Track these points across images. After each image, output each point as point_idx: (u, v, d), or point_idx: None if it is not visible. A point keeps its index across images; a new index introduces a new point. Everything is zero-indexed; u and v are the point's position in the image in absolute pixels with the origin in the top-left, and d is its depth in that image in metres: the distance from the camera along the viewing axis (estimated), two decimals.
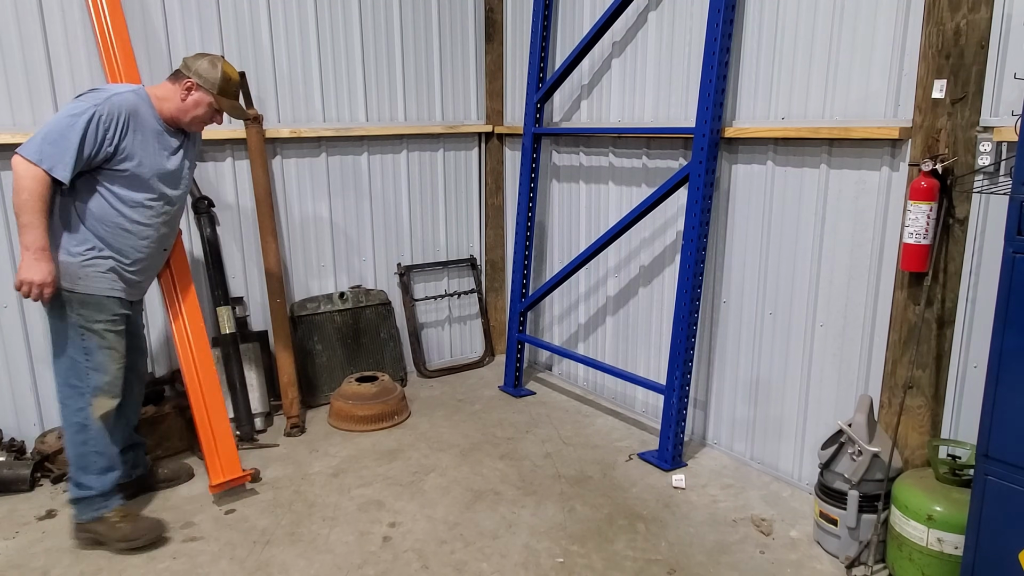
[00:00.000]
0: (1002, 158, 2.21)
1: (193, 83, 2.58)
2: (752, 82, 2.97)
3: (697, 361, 3.37)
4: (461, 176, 4.44)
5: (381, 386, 3.70)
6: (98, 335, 2.53)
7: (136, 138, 2.47)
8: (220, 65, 2.62)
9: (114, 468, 2.63)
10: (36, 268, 2.33)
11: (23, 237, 2.32)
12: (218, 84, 2.61)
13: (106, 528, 2.59)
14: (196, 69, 2.59)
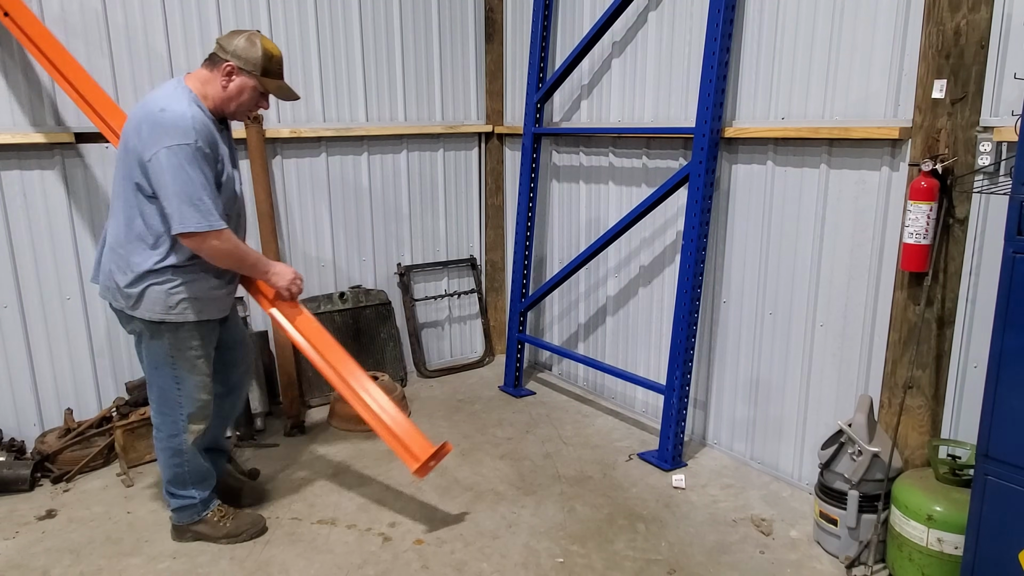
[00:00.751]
0: (1002, 158, 2.21)
1: (233, 66, 2.31)
2: (752, 82, 2.97)
3: (697, 361, 3.37)
4: (461, 176, 4.44)
5: (381, 386, 3.67)
6: (189, 362, 2.44)
7: (219, 147, 2.34)
8: (259, 41, 2.33)
9: (210, 476, 2.64)
10: (280, 275, 2.53)
11: (254, 274, 2.49)
12: (260, 64, 2.33)
13: (209, 528, 2.62)
14: (234, 50, 2.31)
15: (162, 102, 2.23)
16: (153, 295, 2.32)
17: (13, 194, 3.13)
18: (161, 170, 2.18)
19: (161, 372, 2.44)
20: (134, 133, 2.23)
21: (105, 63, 3.23)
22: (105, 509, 2.87)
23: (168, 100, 2.24)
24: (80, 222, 3.29)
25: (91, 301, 3.36)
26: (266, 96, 2.44)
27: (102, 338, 3.42)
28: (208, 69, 2.36)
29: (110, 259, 2.37)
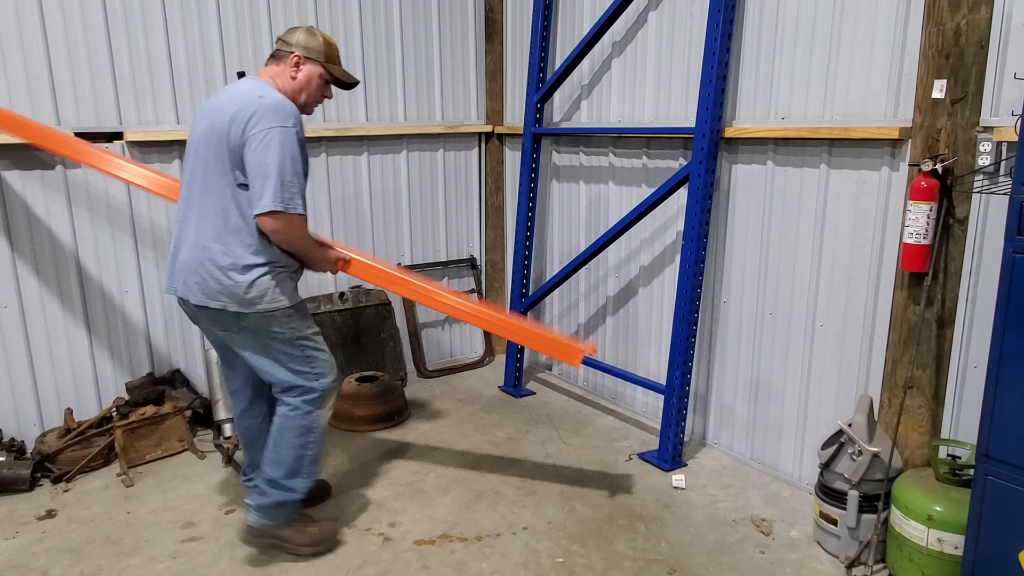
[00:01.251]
0: (1002, 158, 2.21)
1: (299, 56, 2.39)
2: (752, 82, 2.97)
3: (697, 361, 3.37)
4: (461, 176, 4.44)
5: (381, 386, 3.70)
6: (311, 340, 2.47)
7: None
8: (318, 33, 2.44)
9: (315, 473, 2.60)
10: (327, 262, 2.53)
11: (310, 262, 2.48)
12: (323, 51, 2.42)
13: (295, 533, 2.54)
14: (297, 41, 2.40)
15: (256, 91, 2.28)
16: (263, 285, 2.32)
17: (13, 194, 3.12)
18: (263, 148, 2.20)
19: (292, 358, 2.44)
20: (229, 123, 2.23)
21: (105, 64, 3.23)
22: (105, 509, 2.87)
23: (261, 89, 2.30)
24: (80, 222, 3.29)
25: (91, 301, 3.36)
26: (330, 84, 2.50)
27: (102, 338, 3.42)
28: (275, 64, 2.43)
29: (204, 260, 2.31)
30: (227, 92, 2.36)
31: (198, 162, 2.34)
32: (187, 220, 2.37)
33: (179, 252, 2.38)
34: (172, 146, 3.43)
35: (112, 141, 3.30)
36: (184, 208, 2.39)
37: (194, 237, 2.33)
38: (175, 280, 2.41)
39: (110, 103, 3.27)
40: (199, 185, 2.33)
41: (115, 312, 3.43)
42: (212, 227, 2.30)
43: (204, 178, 2.31)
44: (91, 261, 3.33)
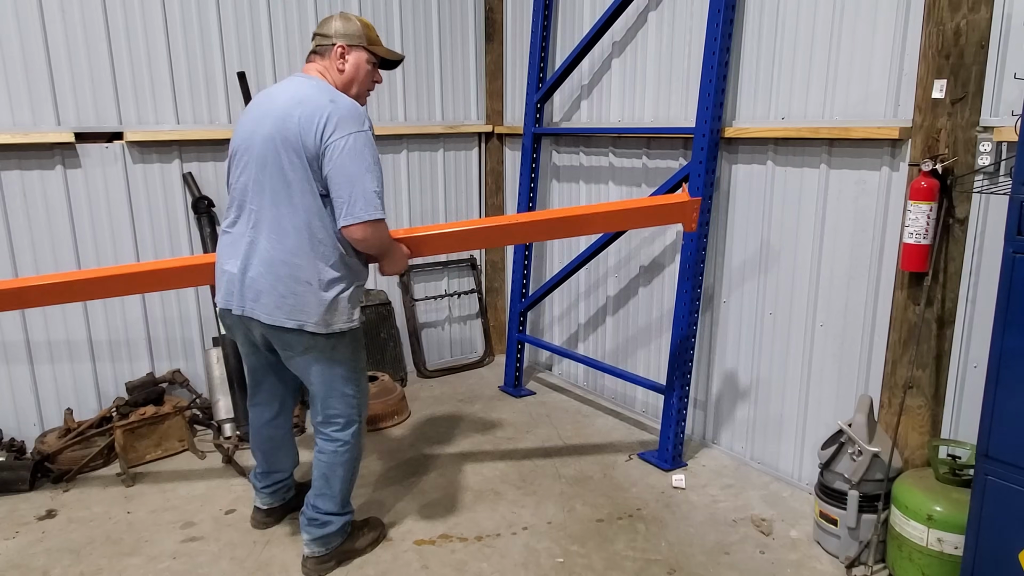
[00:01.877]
0: (1002, 158, 2.21)
1: (343, 45, 2.27)
2: (752, 82, 2.97)
3: (697, 361, 3.37)
4: (461, 176, 4.44)
5: (381, 386, 3.70)
6: (362, 366, 2.41)
7: None
8: (352, 17, 2.33)
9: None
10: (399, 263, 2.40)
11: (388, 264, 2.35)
12: (364, 34, 2.31)
13: (356, 541, 2.55)
14: (336, 31, 2.28)
15: (323, 93, 2.16)
16: (343, 303, 2.22)
17: (13, 194, 3.12)
18: (347, 157, 2.09)
19: (346, 382, 2.35)
20: (300, 130, 2.10)
21: (105, 64, 3.23)
22: (105, 509, 2.87)
23: (327, 91, 2.19)
24: (80, 222, 3.29)
25: (91, 301, 3.36)
26: (377, 67, 2.40)
27: (102, 338, 3.42)
28: (319, 60, 2.31)
29: (285, 277, 2.17)
30: (285, 92, 2.20)
31: (265, 170, 2.16)
32: (257, 232, 2.20)
33: (248, 268, 2.20)
34: (172, 146, 3.43)
35: (112, 141, 3.30)
36: (247, 219, 2.22)
37: (269, 252, 2.17)
38: (241, 298, 2.23)
39: (110, 103, 3.27)
40: (270, 196, 2.16)
41: (115, 312, 3.43)
42: (294, 241, 2.16)
43: (279, 188, 2.15)
44: (91, 261, 3.33)
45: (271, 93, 2.25)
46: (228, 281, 2.26)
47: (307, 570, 2.45)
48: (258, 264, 2.19)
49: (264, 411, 2.60)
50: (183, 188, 3.50)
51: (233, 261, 2.24)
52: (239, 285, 2.23)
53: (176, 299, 3.57)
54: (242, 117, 2.29)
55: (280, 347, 2.29)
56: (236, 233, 2.26)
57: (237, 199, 2.26)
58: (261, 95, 2.29)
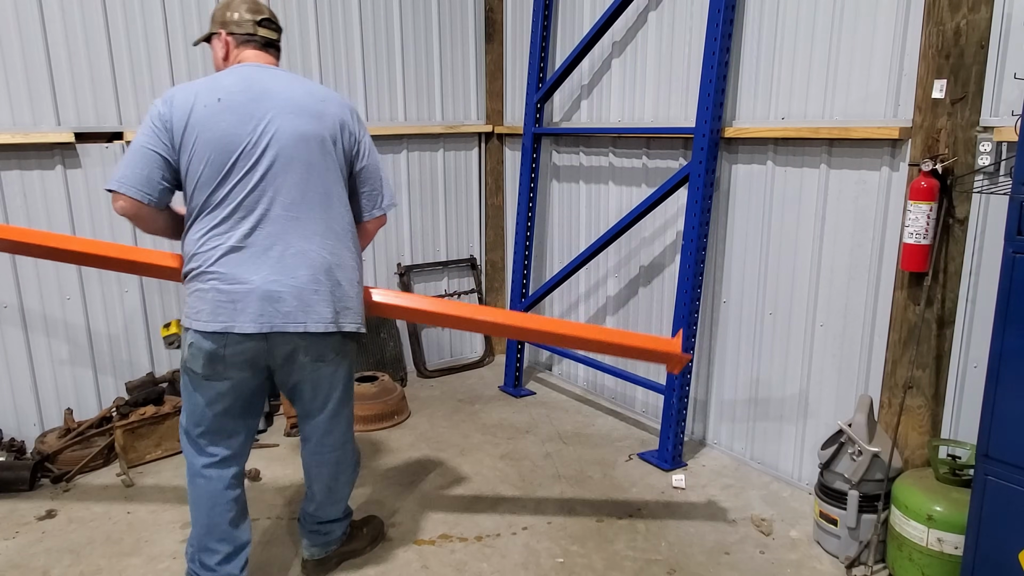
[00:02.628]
0: (1002, 158, 2.21)
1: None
2: (752, 82, 2.97)
3: (697, 361, 3.37)
4: (461, 176, 4.44)
5: (381, 386, 3.70)
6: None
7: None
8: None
9: None
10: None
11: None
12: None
13: (357, 542, 2.52)
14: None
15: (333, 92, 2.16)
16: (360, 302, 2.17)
17: (13, 194, 3.12)
18: (374, 151, 2.19)
19: (349, 383, 2.28)
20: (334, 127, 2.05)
21: (105, 64, 3.23)
22: (105, 509, 2.87)
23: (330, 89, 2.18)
24: (80, 222, 3.28)
25: (91, 301, 3.36)
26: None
27: (102, 338, 3.42)
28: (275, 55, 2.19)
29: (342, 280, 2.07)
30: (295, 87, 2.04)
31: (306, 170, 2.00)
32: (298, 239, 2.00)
33: (295, 279, 1.99)
34: None
35: (112, 141, 3.30)
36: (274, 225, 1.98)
37: (323, 258, 2.03)
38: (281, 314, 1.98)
39: (110, 103, 3.27)
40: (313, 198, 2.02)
41: (115, 312, 3.43)
42: (342, 242, 2.08)
43: (322, 190, 2.03)
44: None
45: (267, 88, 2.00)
46: (259, 299, 1.96)
47: (307, 572, 2.42)
48: (312, 272, 2.01)
49: (231, 464, 2.18)
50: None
51: (263, 275, 1.97)
52: (279, 301, 1.98)
53: (176, 299, 3.57)
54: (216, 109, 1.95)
55: (314, 358, 2.10)
56: (261, 244, 1.97)
57: (252, 204, 1.97)
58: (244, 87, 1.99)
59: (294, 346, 2.05)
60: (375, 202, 2.20)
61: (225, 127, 1.95)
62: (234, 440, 2.17)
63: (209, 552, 2.16)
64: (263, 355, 2.05)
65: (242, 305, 1.96)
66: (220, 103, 1.96)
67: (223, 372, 2.04)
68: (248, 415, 2.19)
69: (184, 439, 2.17)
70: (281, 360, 2.08)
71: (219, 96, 1.96)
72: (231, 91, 1.98)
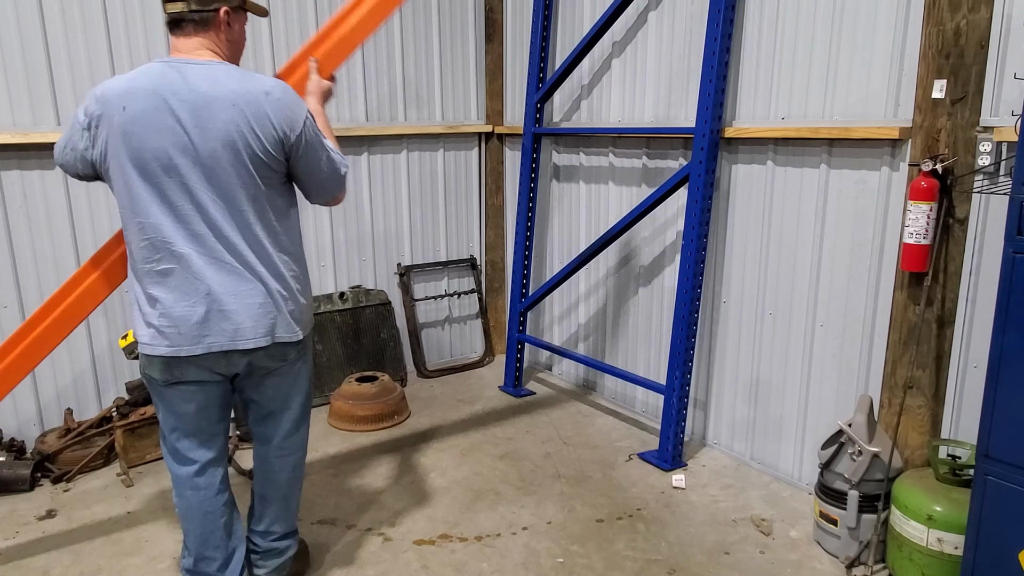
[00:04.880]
0: (1002, 158, 2.21)
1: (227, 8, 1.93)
2: (752, 82, 2.97)
3: (697, 361, 3.37)
4: (461, 176, 4.44)
5: (381, 386, 3.70)
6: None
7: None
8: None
9: None
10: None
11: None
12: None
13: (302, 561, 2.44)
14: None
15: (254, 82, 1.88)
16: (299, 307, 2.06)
17: (13, 194, 3.13)
18: (312, 134, 1.95)
19: (308, 386, 2.22)
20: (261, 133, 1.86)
21: (105, 64, 3.23)
22: (105, 509, 2.87)
23: (252, 77, 1.91)
24: (80, 222, 3.28)
25: None
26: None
27: (102, 338, 3.42)
28: (200, 35, 1.91)
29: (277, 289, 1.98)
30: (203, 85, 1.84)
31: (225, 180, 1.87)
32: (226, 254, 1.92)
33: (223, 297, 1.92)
34: None
35: None
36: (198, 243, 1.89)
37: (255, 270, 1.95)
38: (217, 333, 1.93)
39: None
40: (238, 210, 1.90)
41: (115, 312, 3.43)
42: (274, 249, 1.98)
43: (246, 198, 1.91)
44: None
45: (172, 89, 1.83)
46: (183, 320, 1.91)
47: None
48: (243, 289, 1.93)
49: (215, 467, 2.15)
50: None
51: (192, 299, 1.91)
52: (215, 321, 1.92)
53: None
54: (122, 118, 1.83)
55: (263, 374, 2.07)
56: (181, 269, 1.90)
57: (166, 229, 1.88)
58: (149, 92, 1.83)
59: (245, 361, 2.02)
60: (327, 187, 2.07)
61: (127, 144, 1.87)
62: (213, 443, 2.13)
63: (207, 560, 2.14)
64: (210, 371, 2.01)
65: (169, 331, 1.92)
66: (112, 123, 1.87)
67: (181, 376, 1.99)
68: (221, 418, 2.14)
69: (164, 450, 2.13)
70: (236, 373, 2.05)
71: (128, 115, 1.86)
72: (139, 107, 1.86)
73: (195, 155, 1.84)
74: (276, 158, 1.92)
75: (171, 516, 2.81)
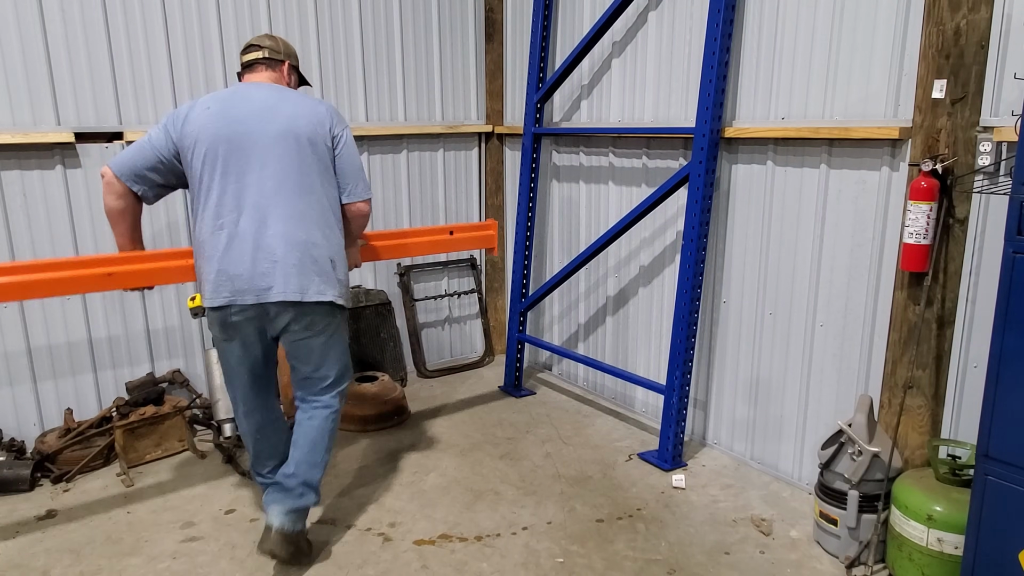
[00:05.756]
0: (1002, 158, 2.21)
1: (292, 64, 2.61)
2: (752, 82, 2.97)
3: (697, 361, 3.37)
4: (461, 176, 4.44)
5: (381, 386, 3.70)
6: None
7: None
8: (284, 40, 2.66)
9: None
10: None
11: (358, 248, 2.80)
12: (296, 56, 2.65)
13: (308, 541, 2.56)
14: (285, 49, 2.57)
15: (307, 98, 2.49)
16: (347, 279, 2.54)
17: (13, 194, 3.13)
18: (350, 147, 2.51)
19: (343, 347, 2.61)
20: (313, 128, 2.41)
21: (105, 64, 3.23)
22: (105, 509, 2.87)
23: (307, 96, 2.52)
24: (80, 222, 3.28)
25: (91, 301, 3.36)
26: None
27: (102, 338, 3.42)
28: (268, 71, 2.54)
29: (318, 257, 2.39)
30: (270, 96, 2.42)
31: (281, 163, 2.36)
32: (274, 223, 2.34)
33: (271, 257, 2.33)
34: None
35: (112, 141, 3.30)
36: (253, 213, 2.33)
37: (295, 237, 2.35)
38: (264, 288, 2.33)
39: (110, 103, 3.27)
40: (285, 185, 2.36)
41: (115, 312, 3.43)
42: (316, 224, 2.40)
43: (298, 180, 2.38)
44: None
45: (248, 96, 2.41)
46: (241, 277, 2.33)
47: (270, 545, 2.38)
48: (293, 250, 2.35)
49: (266, 407, 2.63)
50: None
51: (243, 253, 2.33)
52: (261, 277, 2.34)
53: (176, 299, 3.57)
54: (207, 116, 2.36)
55: (304, 327, 2.44)
56: (241, 228, 2.34)
57: (233, 194, 2.34)
58: (231, 97, 2.41)
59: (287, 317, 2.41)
60: (354, 192, 2.53)
61: (207, 131, 2.36)
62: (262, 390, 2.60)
63: (260, 464, 2.68)
64: (259, 325, 2.42)
65: (222, 282, 2.34)
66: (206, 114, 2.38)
67: (231, 333, 2.44)
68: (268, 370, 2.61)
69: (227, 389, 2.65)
70: (274, 331, 2.45)
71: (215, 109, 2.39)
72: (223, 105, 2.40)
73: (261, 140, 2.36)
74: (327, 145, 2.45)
75: (171, 516, 2.81)
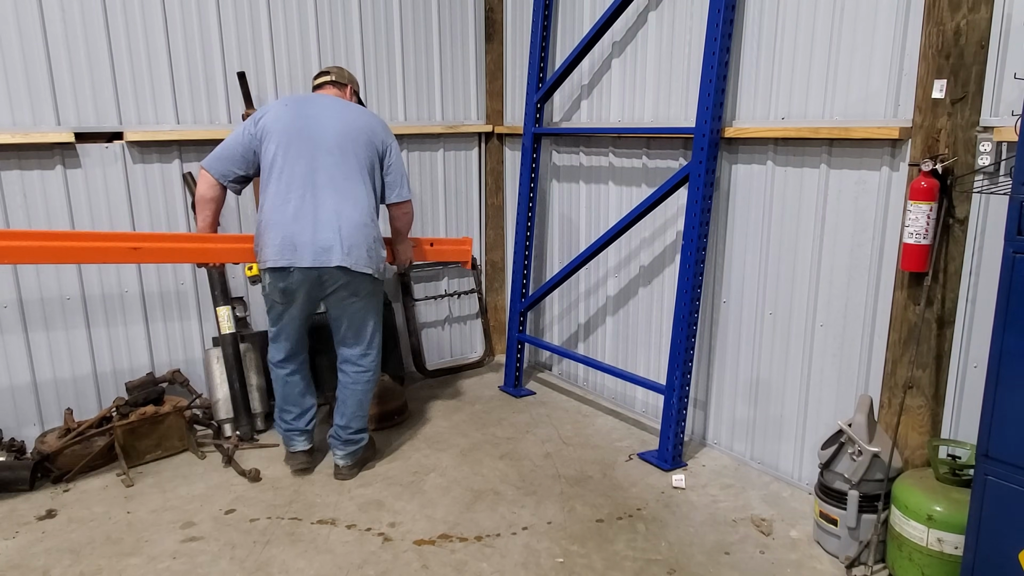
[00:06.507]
0: (1002, 158, 2.21)
1: (354, 91, 3.17)
2: (752, 82, 2.97)
3: (697, 361, 3.37)
4: (461, 176, 4.44)
5: (381, 386, 3.70)
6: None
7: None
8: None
9: None
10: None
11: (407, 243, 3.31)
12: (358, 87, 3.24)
13: (370, 450, 3.25)
14: (349, 79, 3.14)
15: (366, 110, 3.07)
16: (382, 255, 3.00)
17: (13, 194, 3.13)
18: (398, 154, 3.04)
19: (378, 319, 3.08)
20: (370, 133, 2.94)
21: (105, 64, 3.23)
22: (105, 509, 2.87)
23: (367, 110, 3.09)
24: (80, 222, 3.28)
25: (91, 301, 3.36)
26: None
27: (102, 338, 3.42)
28: (336, 90, 3.10)
29: (368, 235, 2.87)
30: (338, 103, 2.97)
31: (343, 155, 2.85)
32: (333, 201, 2.82)
33: (333, 228, 2.80)
34: (172, 146, 3.43)
35: (112, 141, 3.30)
36: (314, 191, 2.82)
37: (354, 217, 2.84)
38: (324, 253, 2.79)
39: (110, 103, 3.27)
40: (342, 173, 2.85)
41: (115, 312, 3.43)
42: (365, 210, 2.87)
43: (355, 171, 2.87)
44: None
45: (319, 101, 2.98)
46: (304, 244, 2.79)
47: (341, 476, 3.11)
48: (347, 225, 2.82)
49: (300, 358, 3.15)
50: (183, 188, 3.50)
51: (307, 224, 2.80)
52: (321, 244, 2.79)
53: (176, 299, 3.57)
54: (284, 111, 2.89)
55: (349, 293, 2.92)
56: (307, 203, 2.81)
57: (301, 174, 2.82)
58: (305, 99, 3.02)
59: (340, 281, 2.87)
60: (398, 192, 3.05)
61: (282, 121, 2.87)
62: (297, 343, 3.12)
63: (284, 412, 3.16)
64: (311, 286, 2.88)
65: (286, 244, 2.79)
66: (284, 108, 2.91)
67: (286, 291, 2.91)
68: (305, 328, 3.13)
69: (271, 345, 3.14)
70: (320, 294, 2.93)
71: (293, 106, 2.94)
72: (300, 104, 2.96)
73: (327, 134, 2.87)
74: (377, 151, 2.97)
75: (171, 516, 2.82)
